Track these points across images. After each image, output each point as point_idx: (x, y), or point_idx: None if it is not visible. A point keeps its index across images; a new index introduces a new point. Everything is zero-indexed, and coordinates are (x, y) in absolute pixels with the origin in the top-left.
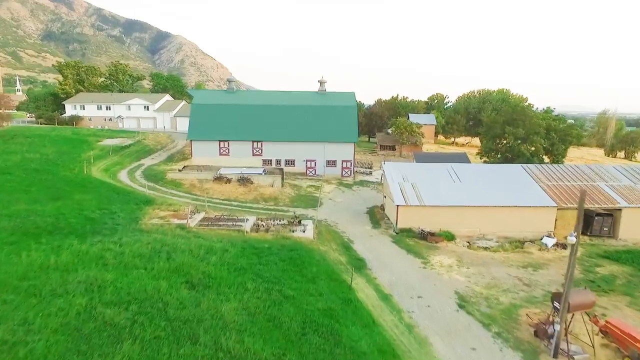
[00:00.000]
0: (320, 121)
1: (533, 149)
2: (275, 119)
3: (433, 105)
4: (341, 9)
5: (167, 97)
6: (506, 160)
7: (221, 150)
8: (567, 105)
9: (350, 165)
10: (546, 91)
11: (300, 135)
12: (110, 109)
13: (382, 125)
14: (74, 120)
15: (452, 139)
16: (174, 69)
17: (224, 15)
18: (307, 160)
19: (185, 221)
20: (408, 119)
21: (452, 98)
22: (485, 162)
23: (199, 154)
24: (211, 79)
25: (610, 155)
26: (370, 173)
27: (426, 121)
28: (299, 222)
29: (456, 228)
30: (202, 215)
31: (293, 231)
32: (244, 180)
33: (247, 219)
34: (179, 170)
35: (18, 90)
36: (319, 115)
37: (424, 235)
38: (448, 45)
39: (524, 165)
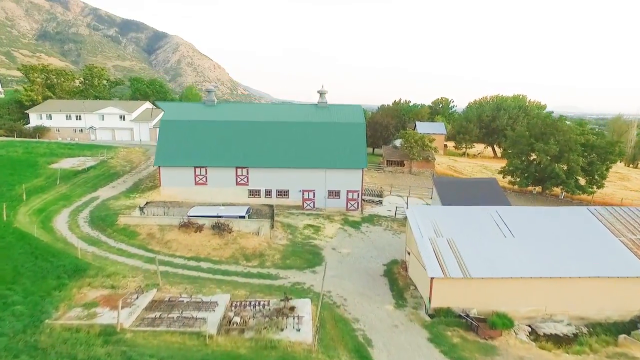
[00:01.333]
0: (321, 142)
1: (565, 167)
2: (265, 139)
3: (438, 110)
4: (340, 8)
5: (147, 105)
6: (536, 181)
7: (197, 179)
8: (564, 106)
9: (358, 197)
10: (543, 92)
11: (296, 159)
12: (80, 119)
13: (387, 136)
14: (39, 131)
15: (463, 150)
16: (170, 69)
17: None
18: (304, 191)
19: (115, 319)
20: (415, 127)
21: (455, 100)
22: (510, 182)
23: (169, 184)
24: (208, 79)
25: (631, 166)
26: (381, 202)
27: (435, 130)
28: (292, 308)
29: (514, 307)
30: (151, 295)
31: (282, 329)
32: (220, 228)
33: (217, 303)
34: (140, 208)
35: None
36: (319, 135)
37: (472, 325)
38: (447, 46)
39: (591, 208)
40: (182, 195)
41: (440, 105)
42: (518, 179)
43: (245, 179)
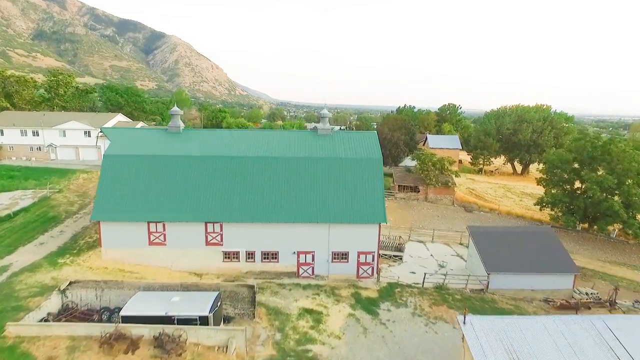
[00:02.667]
0: (323, 185)
1: (621, 199)
2: (247, 181)
3: (445, 116)
4: (339, 8)
5: (120, 118)
6: (585, 217)
7: (152, 237)
8: (562, 107)
9: (373, 260)
10: (540, 92)
11: (289, 210)
12: (38, 135)
13: (398, 155)
14: None
15: (480, 165)
16: (168, 69)
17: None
18: (299, 253)
19: None
20: (426, 141)
21: (452, 100)
22: (552, 217)
23: (113, 244)
24: (206, 79)
25: None
26: (401, 258)
27: (449, 144)
28: None
29: None
30: None
31: None
32: (164, 345)
33: None
34: (62, 291)
35: None
36: (320, 175)
37: None
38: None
39: None
40: (132, 259)
41: (448, 111)
42: (560, 213)
43: (219, 237)
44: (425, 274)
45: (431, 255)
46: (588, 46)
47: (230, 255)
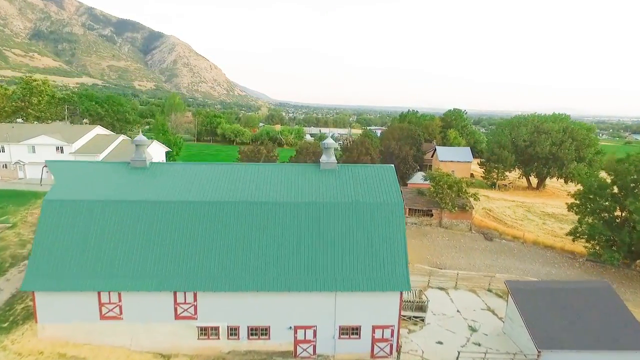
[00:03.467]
0: (328, 239)
1: None
2: (228, 234)
3: (450, 122)
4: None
5: (98, 130)
6: (631, 254)
7: (104, 310)
8: (560, 108)
9: (392, 335)
10: (538, 93)
11: (283, 274)
12: (4, 151)
13: (406, 171)
14: None
15: (494, 180)
16: (166, 69)
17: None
18: (297, 328)
19: None
20: (434, 153)
21: (453, 103)
22: (590, 251)
23: (53, 318)
24: (204, 80)
25: None
26: (423, 320)
27: (460, 157)
28: None
29: None
30: None
31: None
32: None
33: None
34: None
35: None
36: (323, 225)
37: None
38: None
39: None
40: (79, 338)
41: (453, 118)
42: (599, 247)
43: (192, 309)
44: (458, 353)
45: (457, 311)
46: (587, 46)
47: (207, 332)
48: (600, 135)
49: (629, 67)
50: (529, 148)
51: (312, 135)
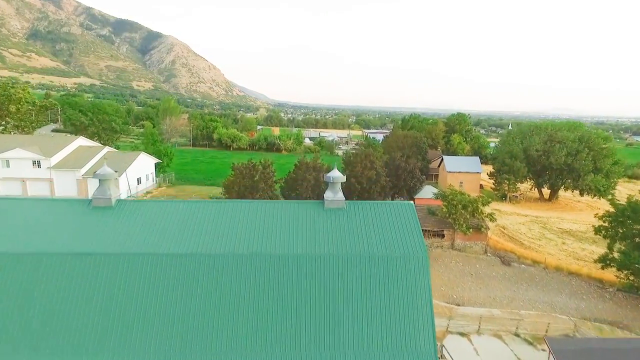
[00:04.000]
0: (332, 304)
1: None
2: (207, 294)
3: (454, 127)
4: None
5: (81, 142)
6: None
7: None
8: (558, 107)
9: None
10: (537, 93)
11: (273, 351)
12: None
13: (414, 185)
14: None
15: (505, 193)
16: (164, 69)
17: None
18: None
19: None
20: (441, 163)
21: (453, 103)
22: (621, 279)
23: None
24: (203, 80)
25: None
26: None
27: (469, 168)
28: None
29: None
30: None
31: None
32: None
33: None
34: None
35: None
36: (326, 285)
37: None
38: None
39: None
40: None
41: (457, 122)
42: (632, 277)
43: None
44: None
45: None
46: (586, 47)
47: None
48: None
49: (628, 68)
50: (542, 158)
51: (311, 139)
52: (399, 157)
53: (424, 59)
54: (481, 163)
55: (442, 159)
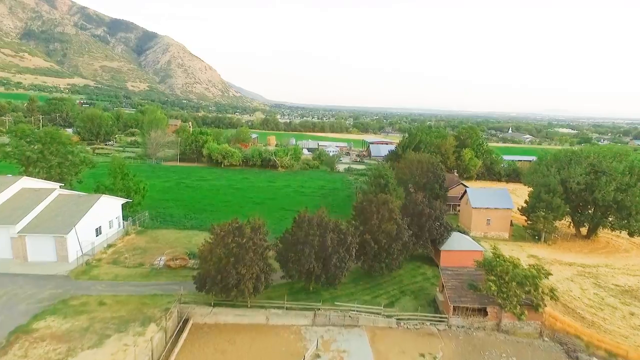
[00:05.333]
0: None
1: None
2: None
3: (465, 141)
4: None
5: (25, 183)
6: None
7: None
8: (554, 109)
9: None
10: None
11: None
12: None
13: (442, 234)
14: None
15: (540, 232)
16: (160, 70)
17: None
18: None
19: None
20: (464, 195)
21: (450, 104)
22: None
23: None
24: (199, 81)
25: None
26: None
27: (498, 202)
28: None
29: None
30: None
31: None
32: None
33: None
34: None
35: None
36: None
37: None
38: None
39: None
40: None
41: (468, 137)
42: None
43: None
44: None
45: None
46: (580, 49)
47: None
48: (602, 141)
49: (623, 70)
50: (585, 193)
51: (309, 150)
52: (420, 200)
53: (420, 62)
54: (494, 180)
55: (466, 192)
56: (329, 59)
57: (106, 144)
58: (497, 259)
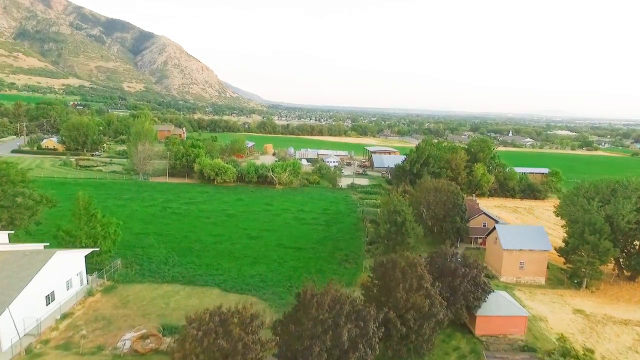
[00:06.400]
0: None
1: None
2: None
3: (477, 155)
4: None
5: None
6: None
7: None
8: (551, 109)
9: None
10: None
11: None
12: None
13: (478, 298)
14: None
15: (582, 278)
16: (156, 70)
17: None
18: None
19: None
20: (491, 232)
21: (448, 104)
22: None
23: None
24: (195, 81)
25: None
26: None
27: (532, 243)
28: None
29: None
30: None
31: None
32: None
33: None
34: None
35: None
36: None
37: None
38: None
39: None
40: None
41: (480, 151)
42: None
43: None
44: None
45: None
46: (576, 49)
47: None
48: (602, 145)
49: (619, 71)
50: (636, 232)
51: (308, 160)
52: (451, 254)
53: (417, 63)
54: (508, 196)
55: (495, 229)
56: (326, 60)
57: (93, 155)
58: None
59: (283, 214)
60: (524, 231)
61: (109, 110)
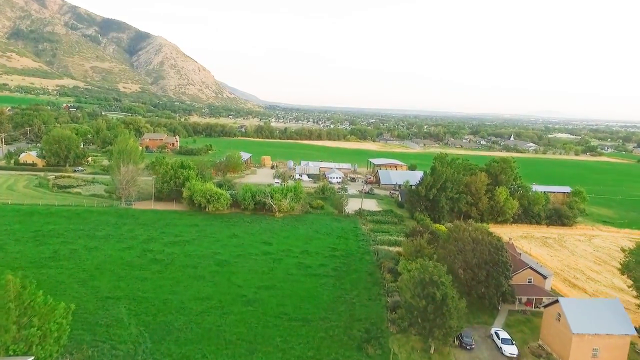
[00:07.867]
0: None
1: None
2: None
3: (498, 177)
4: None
5: None
6: None
7: None
8: (547, 111)
9: None
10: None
11: None
12: None
13: None
14: None
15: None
16: (152, 71)
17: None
18: None
19: None
20: (552, 304)
21: (446, 105)
22: None
23: None
24: (192, 82)
25: None
26: None
27: (610, 326)
28: None
29: None
30: None
31: None
32: None
33: None
34: None
35: None
36: None
37: None
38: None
39: None
40: None
41: (500, 171)
42: None
43: None
44: None
45: None
46: (572, 50)
47: None
48: (605, 149)
49: (615, 72)
50: None
51: (310, 176)
52: None
53: (414, 63)
54: (532, 222)
55: (557, 302)
56: (324, 60)
57: (75, 170)
58: None
59: (285, 258)
60: (596, 307)
61: (103, 113)
